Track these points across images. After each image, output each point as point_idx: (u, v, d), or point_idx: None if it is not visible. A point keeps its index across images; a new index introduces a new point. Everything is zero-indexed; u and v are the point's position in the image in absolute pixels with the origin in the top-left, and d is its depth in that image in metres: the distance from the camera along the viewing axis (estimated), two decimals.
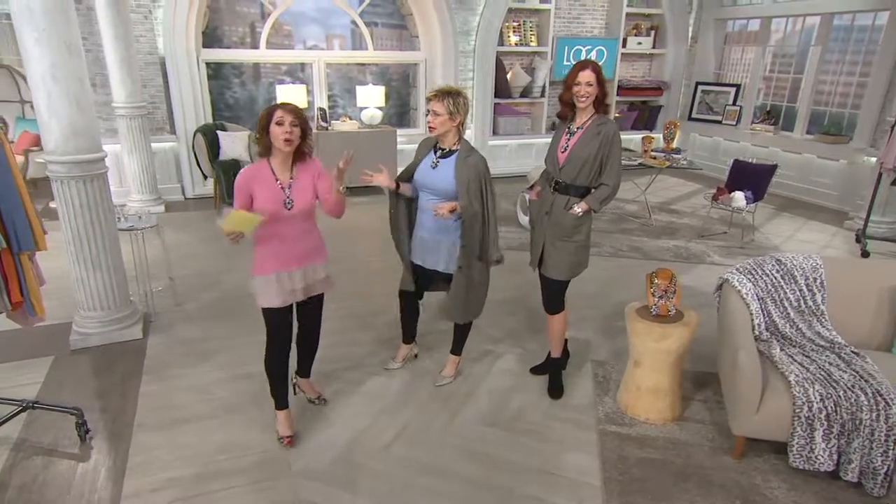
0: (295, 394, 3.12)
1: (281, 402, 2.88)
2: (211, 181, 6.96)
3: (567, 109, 3.03)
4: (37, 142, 5.71)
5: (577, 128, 3.02)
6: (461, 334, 3.38)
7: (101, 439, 2.86)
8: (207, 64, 7.30)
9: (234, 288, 4.62)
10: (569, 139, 3.02)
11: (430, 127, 2.94)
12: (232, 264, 5.08)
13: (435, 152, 3.02)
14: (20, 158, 5.88)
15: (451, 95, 2.88)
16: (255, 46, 7.69)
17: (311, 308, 2.90)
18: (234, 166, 6.61)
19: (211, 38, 7.44)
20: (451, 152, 2.97)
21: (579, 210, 3.00)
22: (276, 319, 2.74)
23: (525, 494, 2.58)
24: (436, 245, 3.07)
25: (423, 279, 3.25)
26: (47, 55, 3.13)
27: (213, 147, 6.63)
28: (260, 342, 2.81)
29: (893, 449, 2.47)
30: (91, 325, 3.68)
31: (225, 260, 5.18)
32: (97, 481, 2.59)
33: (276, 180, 2.58)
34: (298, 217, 2.63)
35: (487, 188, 2.94)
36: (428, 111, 2.94)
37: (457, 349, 3.44)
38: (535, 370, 3.52)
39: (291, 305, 2.77)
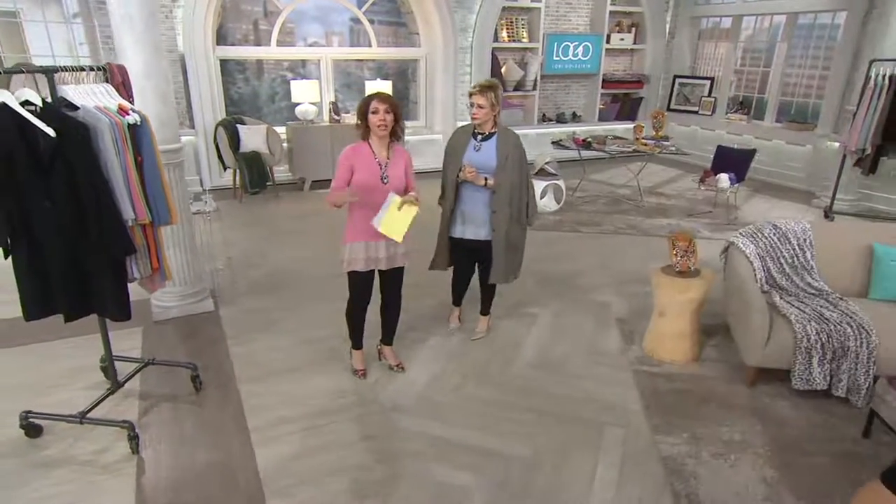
0: (380, 360, 3.59)
1: (357, 344, 3.44)
2: (228, 173, 7.29)
3: None
4: None
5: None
6: (488, 296, 3.94)
7: (212, 389, 3.30)
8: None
9: (274, 268, 5.05)
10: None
11: (473, 117, 3.45)
12: (266, 249, 5.49)
13: (475, 137, 3.53)
14: None
15: (491, 89, 3.40)
16: (258, 43, 8.02)
17: (393, 279, 3.36)
18: (254, 157, 6.97)
19: (219, 36, 7.73)
20: (490, 135, 3.51)
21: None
22: (359, 281, 3.22)
23: (581, 417, 3.12)
24: (483, 217, 3.55)
25: (470, 254, 3.73)
26: (141, 55, 3.52)
27: (233, 140, 6.97)
28: (315, 310, 3.45)
29: (873, 369, 3.10)
30: (170, 299, 4.06)
31: (258, 244, 5.60)
32: (224, 419, 3.03)
33: (375, 158, 3.04)
34: (390, 193, 3.06)
35: (525, 159, 3.55)
36: (472, 104, 3.44)
37: (486, 310, 3.99)
38: None
39: (373, 271, 3.24)
